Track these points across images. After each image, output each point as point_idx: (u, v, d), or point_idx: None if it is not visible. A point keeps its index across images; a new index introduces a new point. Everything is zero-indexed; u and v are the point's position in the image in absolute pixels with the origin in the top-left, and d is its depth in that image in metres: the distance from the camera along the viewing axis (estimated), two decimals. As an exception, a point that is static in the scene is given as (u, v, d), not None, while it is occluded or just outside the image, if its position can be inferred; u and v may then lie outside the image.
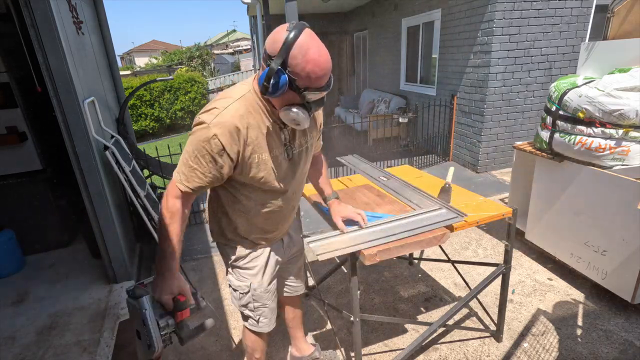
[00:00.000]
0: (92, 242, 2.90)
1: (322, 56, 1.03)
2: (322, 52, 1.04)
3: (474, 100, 4.70)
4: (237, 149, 1.12)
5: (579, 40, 4.49)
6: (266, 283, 1.46)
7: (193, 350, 2.12)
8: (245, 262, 1.41)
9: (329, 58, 1.06)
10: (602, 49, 2.50)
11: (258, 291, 1.45)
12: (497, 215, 1.69)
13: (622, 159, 2.17)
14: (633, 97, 2.07)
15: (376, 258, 1.37)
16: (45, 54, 2.15)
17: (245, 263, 1.41)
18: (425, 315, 2.31)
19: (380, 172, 2.26)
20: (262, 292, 1.46)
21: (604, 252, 2.25)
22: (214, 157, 1.10)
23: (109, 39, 3.58)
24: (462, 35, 4.77)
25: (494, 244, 3.11)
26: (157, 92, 10.08)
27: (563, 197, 2.49)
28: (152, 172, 3.70)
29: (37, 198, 3.10)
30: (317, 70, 1.02)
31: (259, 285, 1.44)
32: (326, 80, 1.07)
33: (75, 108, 2.30)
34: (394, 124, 6.33)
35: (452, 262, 2.36)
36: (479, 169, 4.81)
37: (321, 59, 1.03)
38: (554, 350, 1.99)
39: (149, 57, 24.07)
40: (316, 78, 1.04)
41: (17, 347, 2.19)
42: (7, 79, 2.86)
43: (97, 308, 2.50)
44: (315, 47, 1.02)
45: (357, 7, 8.72)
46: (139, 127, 9.90)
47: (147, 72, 16.69)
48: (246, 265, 1.41)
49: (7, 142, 2.94)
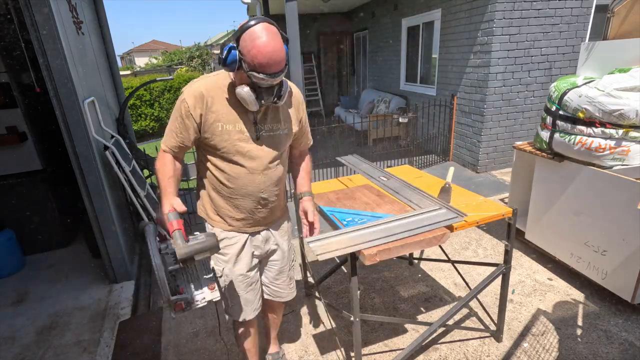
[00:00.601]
0: (92, 242, 2.90)
1: (268, 47, 1.18)
2: (269, 43, 1.18)
3: (474, 100, 4.70)
4: (200, 112, 1.31)
5: (579, 40, 4.49)
6: (237, 272, 1.51)
7: (193, 350, 2.12)
8: (221, 247, 1.44)
9: (276, 50, 1.19)
10: (602, 49, 2.50)
11: (229, 277, 1.51)
12: (497, 215, 1.69)
13: (622, 159, 2.17)
14: (633, 97, 2.07)
15: (376, 258, 1.37)
16: (45, 54, 2.15)
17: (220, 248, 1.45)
18: (425, 315, 2.31)
19: (380, 172, 2.26)
20: (233, 279, 1.52)
21: (604, 252, 2.25)
22: (183, 118, 1.32)
23: (109, 39, 3.58)
24: (462, 35, 4.77)
25: (494, 244, 3.11)
26: (157, 92, 10.08)
27: (563, 197, 2.49)
28: (152, 172, 3.70)
29: (37, 198, 3.11)
30: (259, 57, 1.18)
31: (230, 272, 1.51)
32: (272, 70, 1.20)
33: (75, 108, 2.30)
34: (394, 124, 6.33)
35: (452, 262, 2.36)
36: (479, 169, 4.81)
37: (266, 49, 1.17)
38: (554, 350, 1.99)
39: (149, 57, 24.03)
40: (259, 64, 1.19)
41: (17, 347, 2.19)
42: (7, 79, 2.87)
43: (97, 308, 2.50)
44: (264, 37, 1.18)
45: (357, 7, 8.72)
46: (139, 127, 9.89)
47: (147, 72, 16.70)
48: (221, 250, 1.45)
49: (7, 142, 2.94)
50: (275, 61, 1.20)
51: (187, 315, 2.42)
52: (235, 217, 1.48)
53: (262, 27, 1.19)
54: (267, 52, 1.18)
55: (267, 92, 1.28)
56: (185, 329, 2.30)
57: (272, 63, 1.20)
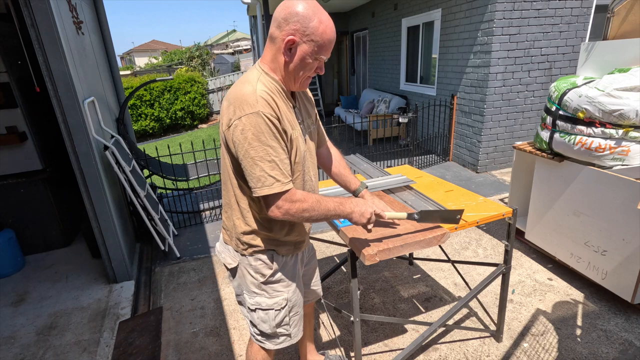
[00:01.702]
0: (92, 242, 2.91)
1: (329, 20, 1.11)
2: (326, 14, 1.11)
3: (474, 100, 4.70)
4: (282, 125, 1.11)
5: (579, 40, 4.49)
6: (300, 287, 1.38)
7: (193, 350, 2.12)
8: (279, 273, 1.30)
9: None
10: (602, 49, 2.50)
11: (293, 300, 1.34)
12: (497, 215, 1.69)
13: (622, 159, 2.17)
14: (633, 97, 2.07)
15: (376, 258, 1.37)
16: (45, 54, 2.15)
17: (279, 274, 1.30)
18: (425, 315, 2.31)
19: (380, 172, 2.26)
20: (297, 299, 1.36)
21: (604, 252, 2.25)
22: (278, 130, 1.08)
23: (109, 39, 3.58)
24: (462, 35, 4.77)
25: (494, 244, 3.11)
26: (157, 92, 10.08)
27: (563, 197, 2.49)
28: (152, 172, 3.70)
29: (37, 198, 3.11)
30: (328, 31, 1.10)
31: (294, 292, 1.34)
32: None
33: (75, 108, 2.30)
34: (394, 124, 6.33)
35: (452, 262, 2.36)
36: (479, 169, 4.81)
37: (330, 21, 1.11)
38: (553, 350, 1.99)
39: (149, 57, 24.07)
40: (329, 39, 1.11)
41: (17, 347, 2.19)
42: (7, 79, 2.86)
43: (97, 308, 2.50)
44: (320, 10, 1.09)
45: (357, 7, 8.72)
46: (139, 127, 9.90)
47: (147, 72, 16.70)
48: (280, 276, 1.30)
49: (7, 142, 2.94)
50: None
51: (187, 315, 2.42)
52: (302, 233, 1.33)
53: (308, 3, 1.06)
54: (331, 24, 1.08)
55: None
56: (185, 329, 2.30)
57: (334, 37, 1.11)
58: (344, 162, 1.53)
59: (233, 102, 1.08)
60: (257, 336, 1.39)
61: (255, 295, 1.31)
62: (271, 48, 1.13)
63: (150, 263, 3.09)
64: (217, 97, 12.25)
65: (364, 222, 1.24)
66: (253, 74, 1.14)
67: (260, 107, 1.05)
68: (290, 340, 1.41)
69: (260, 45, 8.72)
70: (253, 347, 1.45)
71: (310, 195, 1.15)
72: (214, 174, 3.99)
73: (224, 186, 1.27)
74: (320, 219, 1.17)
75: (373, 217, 1.25)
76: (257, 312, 1.33)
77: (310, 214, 1.13)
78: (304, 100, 1.31)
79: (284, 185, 1.08)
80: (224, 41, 29.38)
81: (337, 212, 1.19)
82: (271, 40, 1.12)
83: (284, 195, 1.09)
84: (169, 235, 3.22)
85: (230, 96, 1.11)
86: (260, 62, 1.17)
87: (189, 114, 10.80)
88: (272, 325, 1.34)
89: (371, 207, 1.25)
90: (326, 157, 1.50)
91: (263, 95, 1.07)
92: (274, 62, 1.14)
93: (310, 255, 1.57)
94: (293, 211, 1.11)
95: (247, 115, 1.04)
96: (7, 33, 2.88)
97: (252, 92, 1.07)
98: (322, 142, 1.48)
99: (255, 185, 1.08)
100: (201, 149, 4.69)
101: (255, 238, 1.25)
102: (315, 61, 1.12)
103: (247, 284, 1.31)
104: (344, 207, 1.20)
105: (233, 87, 1.14)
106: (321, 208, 1.15)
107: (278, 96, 1.13)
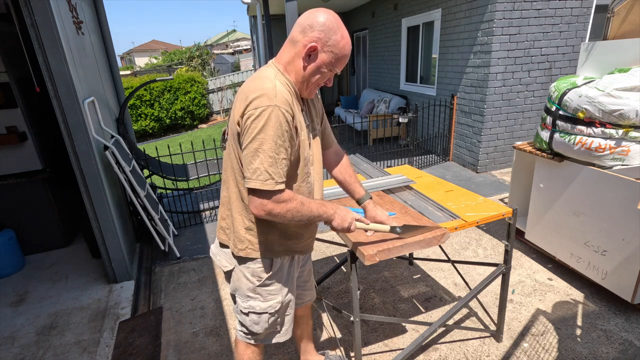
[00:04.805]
0: (92, 242, 2.91)
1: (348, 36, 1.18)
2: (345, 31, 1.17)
3: (474, 100, 4.70)
4: (295, 123, 1.14)
5: (579, 40, 4.49)
6: (294, 289, 1.39)
7: (193, 350, 2.12)
8: (273, 277, 1.31)
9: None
10: (602, 49, 2.50)
11: (286, 302, 1.36)
12: (497, 215, 1.69)
13: (622, 159, 2.17)
14: (633, 97, 2.07)
15: (376, 258, 1.37)
16: (45, 54, 2.15)
17: (275, 277, 1.31)
18: (425, 315, 2.31)
19: (380, 172, 2.25)
20: (291, 301, 1.37)
21: (604, 252, 2.25)
22: (291, 128, 1.11)
23: (109, 39, 3.58)
24: (462, 35, 4.77)
25: (494, 244, 3.11)
26: (157, 92, 10.09)
27: (563, 197, 2.49)
28: (152, 172, 3.70)
29: (37, 198, 3.11)
30: (347, 47, 1.17)
31: (286, 295, 1.35)
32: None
33: (75, 108, 2.30)
34: (394, 124, 6.33)
35: (452, 262, 2.36)
36: (479, 169, 4.81)
37: (348, 38, 1.19)
38: (553, 350, 1.99)
39: (149, 57, 24.07)
40: (346, 55, 1.17)
41: (17, 347, 2.19)
42: (7, 79, 2.87)
43: (97, 308, 2.50)
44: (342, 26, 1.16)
45: (357, 7, 8.72)
46: (139, 127, 9.91)
47: (147, 72, 16.70)
48: (276, 279, 1.31)
49: (7, 142, 2.94)
50: None
51: (187, 315, 2.42)
52: (305, 236, 1.33)
53: (333, 17, 1.13)
54: (350, 42, 1.16)
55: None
56: (185, 329, 2.30)
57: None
58: (351, 169, 1.52)
59: (250, 95, 1.09)
60: (246, 335, 1.41)
61: (249, 299, 1.32)
62: (290, 50, 1.16)
63: (150, 263, 3.09)
64: (217, 97, 12.25)
65: (345, 227, 1.25)
66: (269, 71, 1.17)
67: (279, 101, 1.07)
68: (282, 337, 1.42)
69: (260, 46, 8.71)
70: (240, 344, 1.47)
71: (296, 196, 1.14)
72: (214, 174, 3.99)
73: (225, 184, 1.27)
74: (303, 220, 1.17)
75: (354, 223, 1.27)
76: (249, 316, 1.34)
77: (293, 215, 1.13)
78: (311, 103, 1.33)
79: (276, 185, 1.08)
80: (224, 41, 29.38)
81: (320, 214, 1.19)
82: (292, 43, 1.16)
83: (273, 196, 1.09)
84: (169, 235, 3.22)
85: (246, 89, 1.12)
86: (276, 62, 1.20)
87: (189, 114, 10.81)
88: (265, 327, 1.36)
89: (352, 213, 1.27)
90: (333, 161, 1.51)
91: (282, 91, 1.10)
92: (291, 65, 1.17)
93: (306, 256, 1.56)
94: (276, 212, 1.11)
95: (265, 107, 1.06)
96: (7, 33, 2.88)
97: (272, 87, 1.09)
98: (329, 143, 1.48)
99: (250, 176, 1.08)
100: (201, 149, 4.69)
101: (256, 235, 1.24)
102: (329, 72, 1.18)
103: (242, 287, 1.32)
104: (327, 210, 1.21)
105: (248, 82, 1.15)
106: (304, 210, 1.15)
107: (292, 96, 1.16)
